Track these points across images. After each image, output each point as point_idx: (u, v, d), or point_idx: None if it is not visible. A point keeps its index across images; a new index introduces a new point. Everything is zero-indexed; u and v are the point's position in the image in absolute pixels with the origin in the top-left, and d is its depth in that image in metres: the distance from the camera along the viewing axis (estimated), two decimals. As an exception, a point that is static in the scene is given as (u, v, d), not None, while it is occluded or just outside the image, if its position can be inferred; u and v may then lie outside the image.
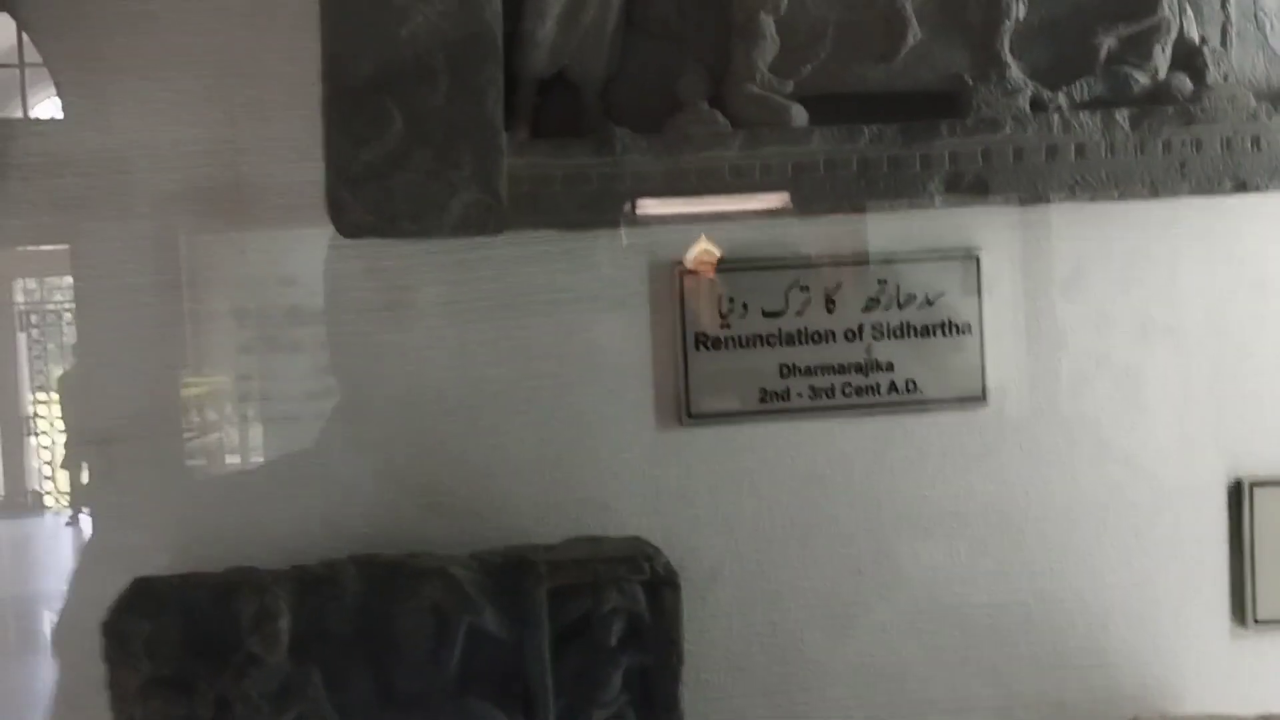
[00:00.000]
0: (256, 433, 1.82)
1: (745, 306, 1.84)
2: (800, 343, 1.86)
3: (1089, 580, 1.89)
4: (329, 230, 1.58)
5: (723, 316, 1.84)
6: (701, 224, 1.82)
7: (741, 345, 1.85)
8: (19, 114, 1.83)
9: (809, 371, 1.86)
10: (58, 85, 1.72)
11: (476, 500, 1.77)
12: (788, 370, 1.85)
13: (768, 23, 1.69)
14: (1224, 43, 1.83)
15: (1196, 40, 1.80)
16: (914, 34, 1.72)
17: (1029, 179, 1.73)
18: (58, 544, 1.90)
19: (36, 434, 1.90)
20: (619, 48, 1.72)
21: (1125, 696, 1.88)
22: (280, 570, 1.65)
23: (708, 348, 1.84)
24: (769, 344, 1.85)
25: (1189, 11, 1.80)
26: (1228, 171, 1.77)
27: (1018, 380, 1.89)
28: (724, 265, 1.84)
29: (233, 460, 1.83)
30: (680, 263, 1.82)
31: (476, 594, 1.65)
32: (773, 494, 1.85)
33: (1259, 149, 1.77)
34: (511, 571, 1.66)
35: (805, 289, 1.85)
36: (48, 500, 1.88)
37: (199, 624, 1.61)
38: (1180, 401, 1.91)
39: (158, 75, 1.72)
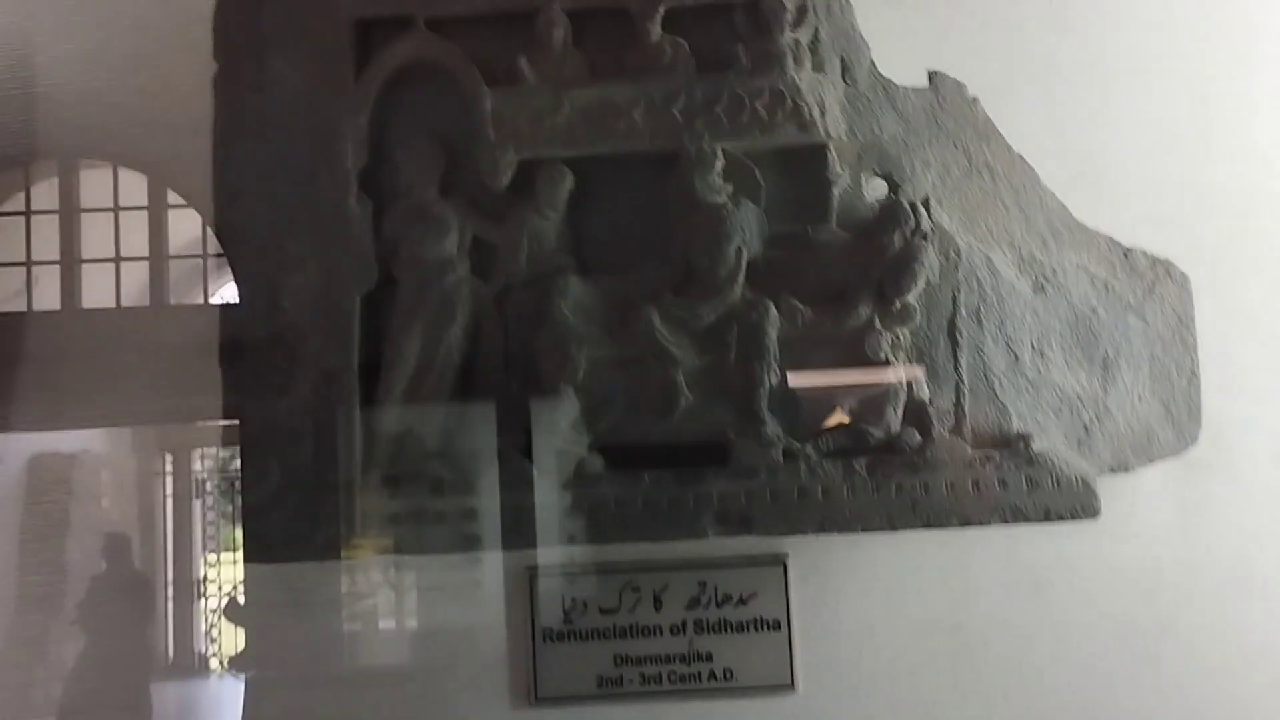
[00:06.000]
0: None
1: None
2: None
3: None
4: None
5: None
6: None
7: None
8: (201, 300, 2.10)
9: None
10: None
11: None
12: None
13: (567, 390, 2.12)
14: (958, 400, 2.25)
15: (926, 400, 2.22)
16: (685, 398, 2.13)
17: (784, 516, 2.11)
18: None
19: (206, 596, 2.07)
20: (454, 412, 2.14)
21: None
22: None
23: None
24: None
25: (920, 376, 2.24)
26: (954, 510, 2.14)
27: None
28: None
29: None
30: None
31: None
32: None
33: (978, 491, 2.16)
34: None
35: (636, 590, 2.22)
36: (213, 662, 2.01)
37: None
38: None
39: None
